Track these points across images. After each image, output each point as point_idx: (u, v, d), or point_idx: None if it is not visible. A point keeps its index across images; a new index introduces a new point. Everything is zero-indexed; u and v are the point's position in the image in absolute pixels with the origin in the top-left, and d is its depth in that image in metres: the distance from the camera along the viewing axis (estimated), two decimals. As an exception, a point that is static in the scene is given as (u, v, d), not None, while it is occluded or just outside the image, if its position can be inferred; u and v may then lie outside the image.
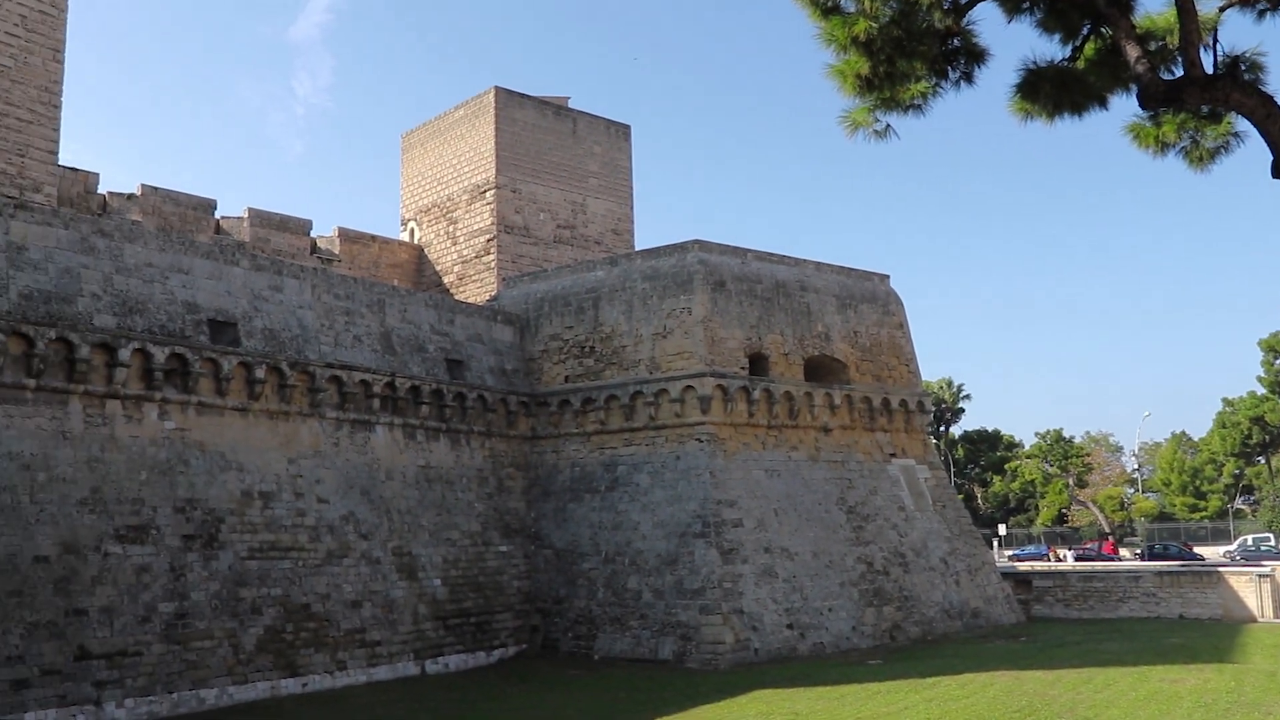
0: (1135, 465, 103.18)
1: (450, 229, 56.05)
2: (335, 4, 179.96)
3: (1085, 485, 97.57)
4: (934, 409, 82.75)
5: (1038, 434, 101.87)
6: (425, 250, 57.32)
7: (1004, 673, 26.33)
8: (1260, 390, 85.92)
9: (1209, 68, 12.23)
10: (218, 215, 45.94)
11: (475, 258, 54.21)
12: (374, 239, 54.81)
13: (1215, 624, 38.37)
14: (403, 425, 33.98)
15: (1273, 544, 62.26)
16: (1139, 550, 65.07)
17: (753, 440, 36.23)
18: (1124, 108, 14.06)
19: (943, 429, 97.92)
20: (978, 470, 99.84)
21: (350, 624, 29.40)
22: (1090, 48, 13.61)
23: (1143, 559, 57.72)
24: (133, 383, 26.62)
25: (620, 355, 37.19)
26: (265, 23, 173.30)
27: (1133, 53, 12.23)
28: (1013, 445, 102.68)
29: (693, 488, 34.25)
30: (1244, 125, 13.38)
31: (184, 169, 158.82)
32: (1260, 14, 12.90)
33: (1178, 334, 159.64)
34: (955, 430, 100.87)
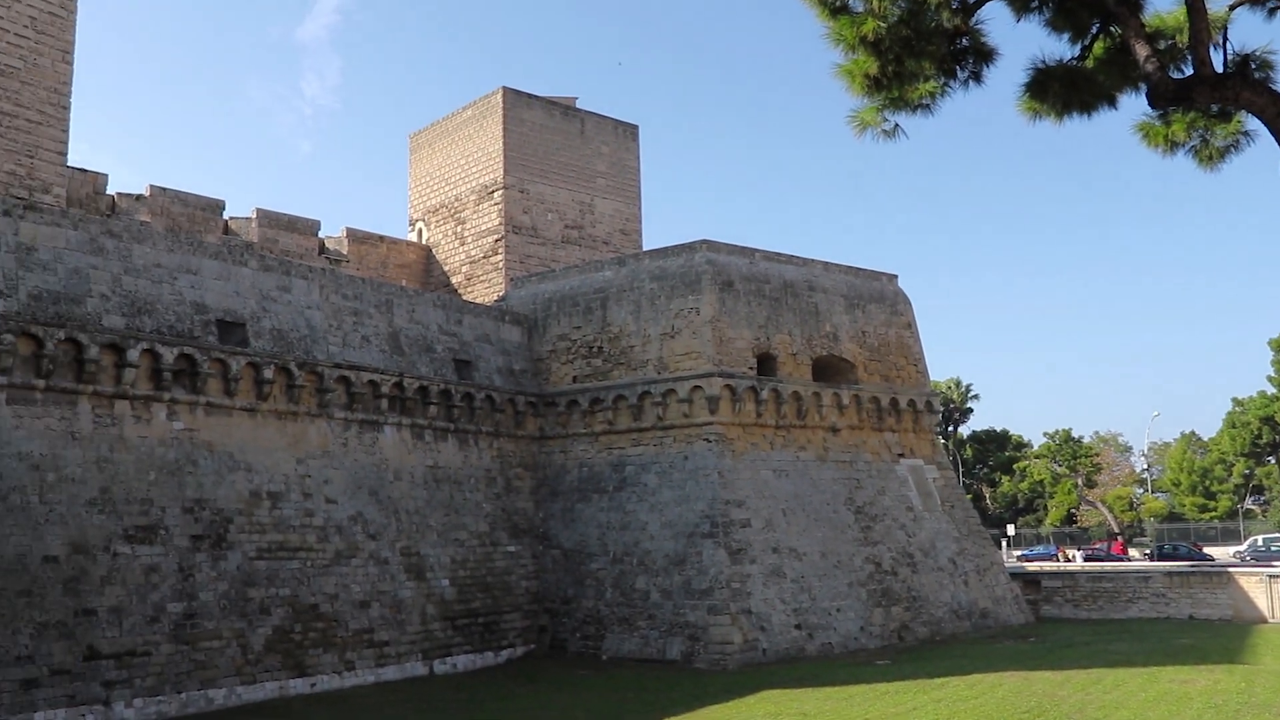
0: (1144, 465, 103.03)
1: (458, 229, 56.12)
2: (343, 5, 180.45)
3: (1094, 485, 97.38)
4: (942, 409, 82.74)
5: (1046, 434, 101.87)
6: (433, 250, 57.39)
7: (1013, 673, 26.27)
8: (1270, 390, 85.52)
9: (1219, 66, 12.18)
10: (226, 216, 46.04)
11: (483, 258, 54.27)
12: (382, 239, 54.89)
13: (1225, 625, 38.24)
14: (411, 425, 34.01)
15: (1283, 544, 61.98)
16: (1148, 550, 64.90)
17: (761, 440, 36.21)
18: (1133, 107, 14.03)
19: (951, 429, 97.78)
20: (986, 470, 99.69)
21: (358, 624, 29.44)
22: (1099, 47, 13.58)
23: (1152, 559, 57.54)
24: (141, 383, 26.68)
25: (628, 355, 37.18)
26: (273, 23, 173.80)
27: (1142, 51, 12.20)
28: (1021, 445, 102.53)
29: (701, 488, 34.23)
30: (1254, 124, 13.35)
31: (192, 170, 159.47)
32: (1270, 12, 12.86)
33: (1187, 333, 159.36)
34: (964, 430, 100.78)
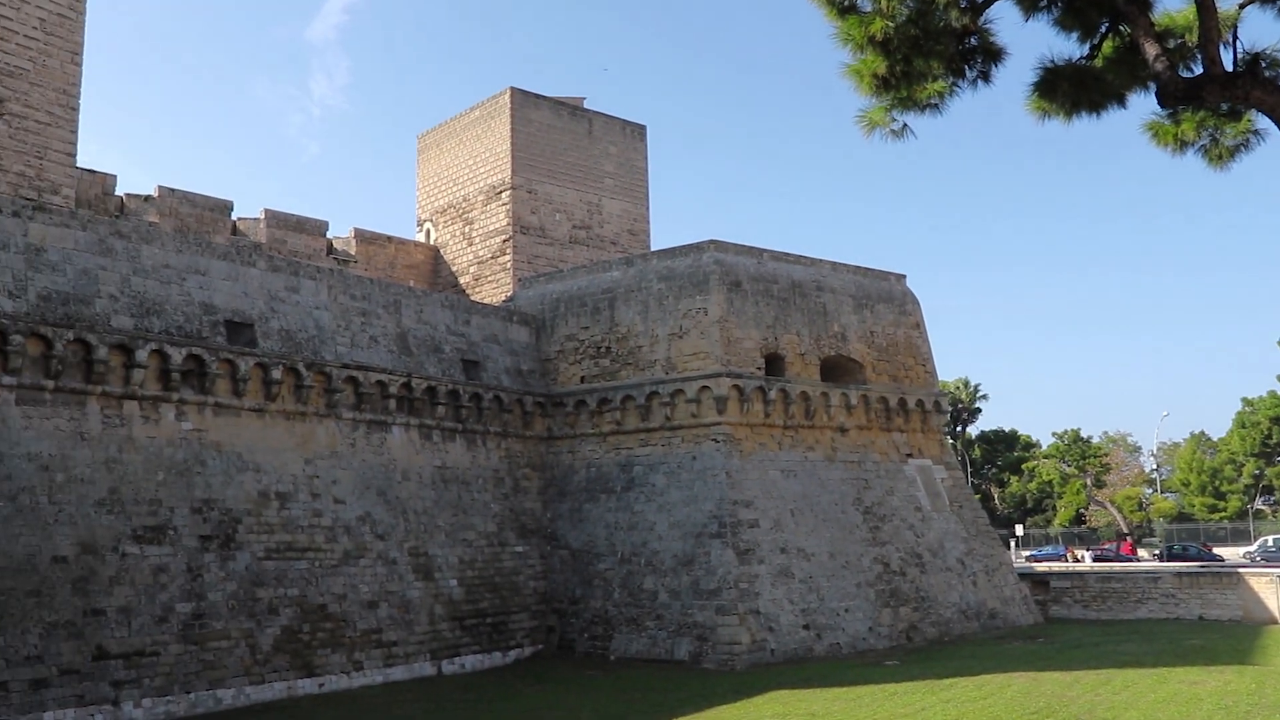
0: (1154, 465, 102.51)
1: (466, 230, 56.16)
2: (351, 5, 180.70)
3: (1103, 485, 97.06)
4: (951, 409, 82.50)
5: (1055, 434, 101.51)
6: (441, 251, 57.45)
7: (1021, 674, 26.20)
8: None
9: (1229, 65, 12.12)
10: (234, 216, 46.16)
11: (491, 258, 54.31)
12: (390, 240, 54.97)
13: (1235, 625, 38.09)
14: (419, 426, 34.03)
15: (1293, 545, 61.74)
16: (1158, 551, 64.67)
17: (769, 440, 36.17)
18: (1142, 106, 13.98)
19: (960, 429, 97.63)
20: (995, 470, 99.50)
21: (367, 624, 29.47)
22: (1108, 46, 13.52)
23: (1161, 560, 57.38)
24: (150, 383, 26.74)
25: (636, 355, 37.17)
26: (282, 24, 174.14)
27: (1151, 50, 12.14)
28: (1030, 445, 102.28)
29: (709, 488, 34.20)
30: (1264, 123, 13.30)
31: (201, 170, 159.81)
32: (1281, 11, 12.79)
33: (1197, 333, 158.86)
34: (972, 430, 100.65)
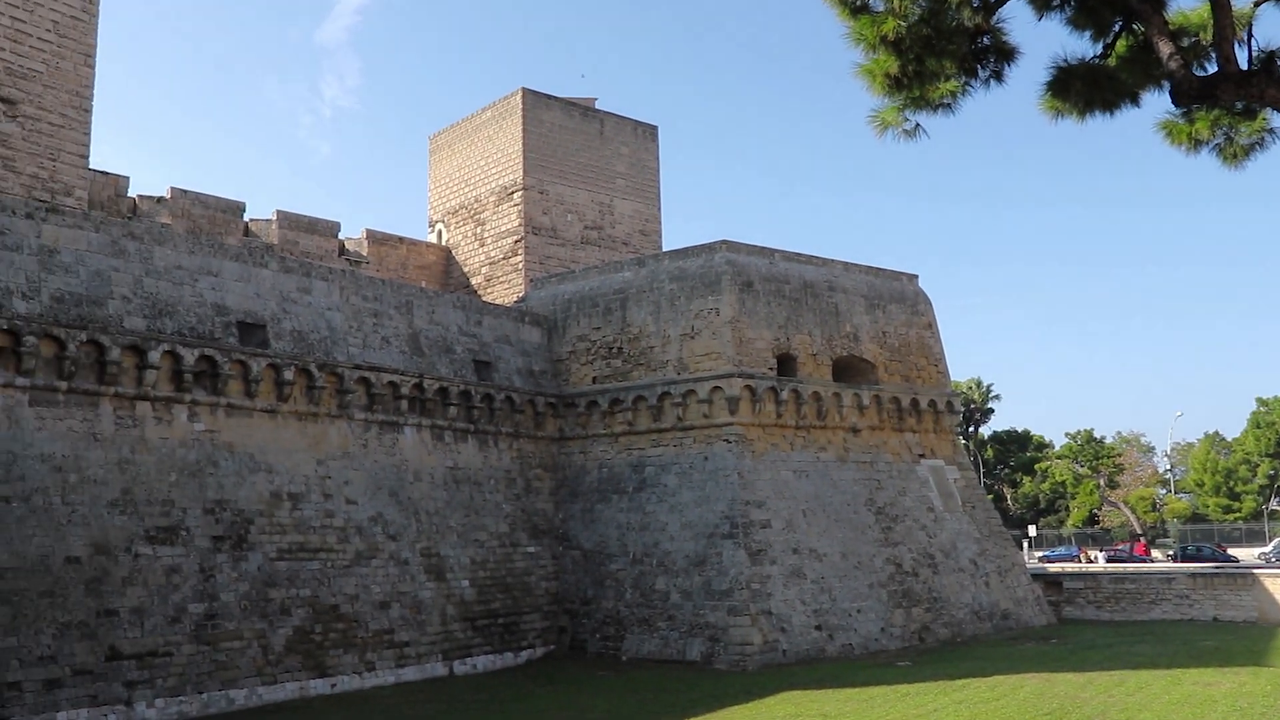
0: (1167, 466, 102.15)
1: (478, 230, 56.21)
2: (363, 6, 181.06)
3: (1116, 486, 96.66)
4: (963, 409, 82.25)
5: (1068, 434, 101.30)
6: (453, 252, 57.51)
7: (1034, 675, 26.12)
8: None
9: (1243, 63, 12.05)
10: (246, 218, 46.28)
11: (503, 259, 54.35)
12: (402, 241, 55.06)
13: (1250, 627, 37.91)
14: (431, 426, 34.06)
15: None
16: (1171, 552, 64.39)
17: (781, 441, 36.11)
18: (1156, 105, 13.90)
19: (972, 429, 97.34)
20: (1007, 471, 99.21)
21: (379, 625, 29.50)
22: (1122, 44, 13.45)
23: (1175, 561, 57.11)
24: (163, 384, 26.82)
25: (648, 356, 37.14)
26: (293, 25, 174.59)
27: (1165, 49, 12.07)
28: (1043, 445, 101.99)
29: (721, 488, 34.16)
30: (1279, 121, 13.20)
31: (213, 172, 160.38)
32: (1296, 9, 12.70)
33: (1211, 332, 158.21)
34: (985, 430, 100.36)
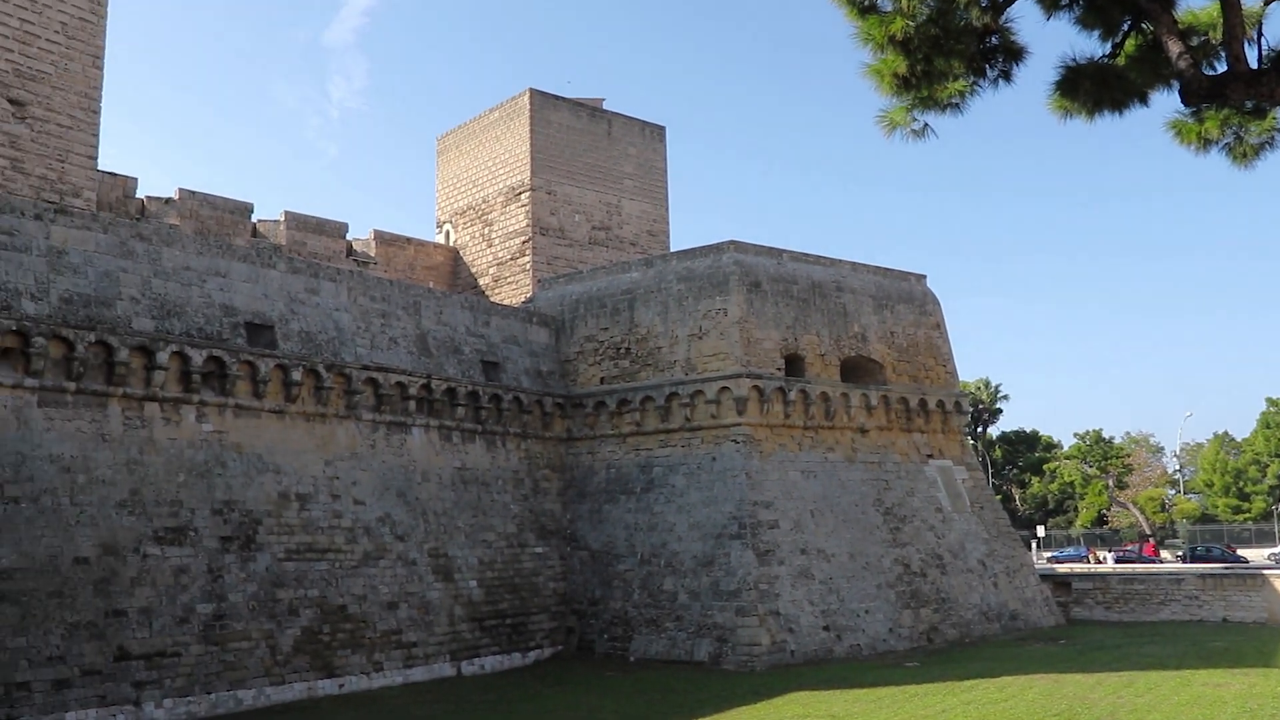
0: (1176, 466, 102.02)
1: (485, 231, 56.25)
2: (370, 7, 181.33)
3: (1125, 486, 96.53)
4: (971, 409, 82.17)
5: (1077, 434, 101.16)
6: (461, 252, 57.56)
7: (1043, 676, 26.06)
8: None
9: (1253, 63, 11.99)
10: (254, 219, 46.36)
11: (510, 259, 54.38)
12: (409, 241, 55.12)
13: (1260, 627, 37.79)
14: (439, 427, 34.08)
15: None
16: (1180, 552, 64.27)
17: (789, 441, 36.07)
18: (1165, 104, 13.85)
19: (980, 430, 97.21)
20: (1016, 471, 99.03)
21: (386, 625, 29.52)
22: (1131, 44, 13.40)
23: (1184, 561, 56.97)
24: (171, 385, 26.86)
25: (656, 356, 37.13)
26: (300, 27, 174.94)
27: (1175, 48, 12.02)
28: (1051, 446, 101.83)
29: (729, 489, 34.13)
30: (1289, 120, 13.14)
31: (221, 173, 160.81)
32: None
33: (1220, 332, 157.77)
34: (993, 431, 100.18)
